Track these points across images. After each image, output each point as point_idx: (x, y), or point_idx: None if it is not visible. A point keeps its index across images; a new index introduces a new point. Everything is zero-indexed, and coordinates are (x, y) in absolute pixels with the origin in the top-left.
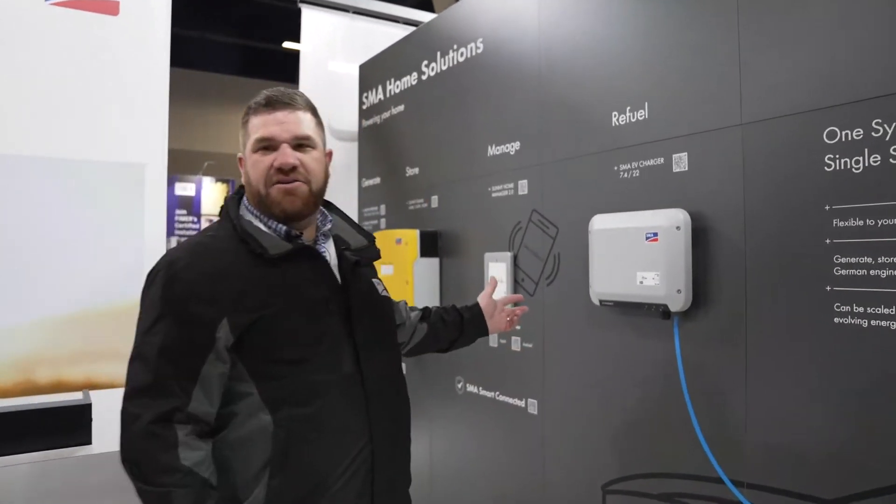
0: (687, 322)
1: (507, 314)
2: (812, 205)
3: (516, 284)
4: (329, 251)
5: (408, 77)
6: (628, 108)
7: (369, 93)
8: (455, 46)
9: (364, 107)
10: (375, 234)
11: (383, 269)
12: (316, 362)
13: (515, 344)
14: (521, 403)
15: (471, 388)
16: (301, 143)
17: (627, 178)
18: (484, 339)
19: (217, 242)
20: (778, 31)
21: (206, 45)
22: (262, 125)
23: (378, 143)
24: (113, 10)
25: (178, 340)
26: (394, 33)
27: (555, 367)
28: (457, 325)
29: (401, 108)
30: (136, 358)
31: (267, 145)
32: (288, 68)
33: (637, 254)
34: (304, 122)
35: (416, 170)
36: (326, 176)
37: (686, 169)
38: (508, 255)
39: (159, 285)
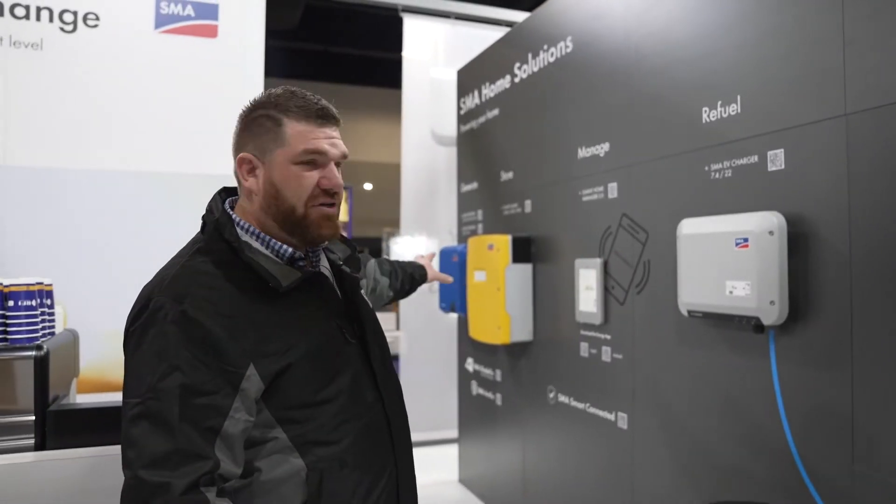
0: (784, 337)
1: None
2: None
3: (606, 292)
4: (325, 268)
5: (501, 80)
6: (719, 102)
7: (467, 98)
8: (545, 46)
9: (462, 112)
10: (470, 241)
11: (476, 276)
12: (343, 398)
13: (606, 354)
14: (611, 417)
15: (562, 399)
16: (338, 163)
17: (719, 178)
18: (574, 348)
19: (219, 270)
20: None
21: (296, 55)
22: (310, 136)
23: (475, 147)
24: (212, 33)
25: (200, 395)
26: (495, 37)
27: (645, 380)
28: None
29: (496, 111)
30: (148, 417)
31: (313, 160)
32: (389, 75)
33: (726, 261)
34: (342, 141)
35: (511, 174)
36: None
37: (782, 167)
38: (598, 261)
39: (167, 327)
